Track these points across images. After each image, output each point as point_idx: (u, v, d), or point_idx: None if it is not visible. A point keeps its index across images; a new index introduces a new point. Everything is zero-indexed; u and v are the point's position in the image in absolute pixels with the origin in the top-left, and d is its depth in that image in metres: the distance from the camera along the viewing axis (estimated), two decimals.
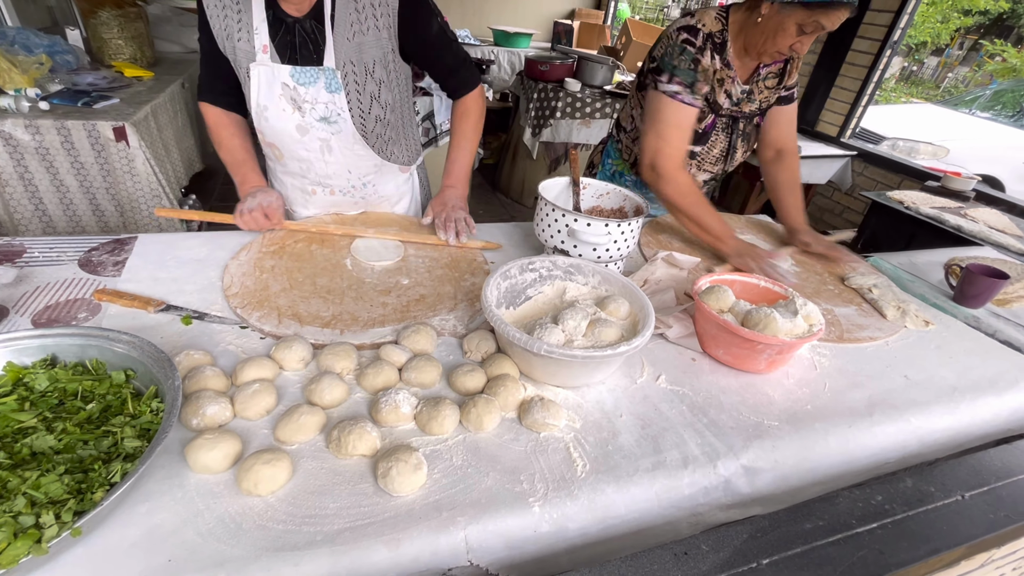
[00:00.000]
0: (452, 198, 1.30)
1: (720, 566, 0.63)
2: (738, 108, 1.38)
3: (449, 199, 1.29)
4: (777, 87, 1.40)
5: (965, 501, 0.77)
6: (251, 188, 1.21)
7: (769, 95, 1.40)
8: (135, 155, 2.21)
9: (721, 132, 1.41)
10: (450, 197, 1.30)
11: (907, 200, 2.29)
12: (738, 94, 1.35)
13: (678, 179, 1.29)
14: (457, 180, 1.33)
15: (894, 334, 1.15)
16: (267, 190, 1.21)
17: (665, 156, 1.29)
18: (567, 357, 0.78)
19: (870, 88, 3.18)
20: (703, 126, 1.38)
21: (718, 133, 1.41)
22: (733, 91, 1.35)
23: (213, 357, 0.84)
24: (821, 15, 1.13)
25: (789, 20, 1.16)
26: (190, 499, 0.63)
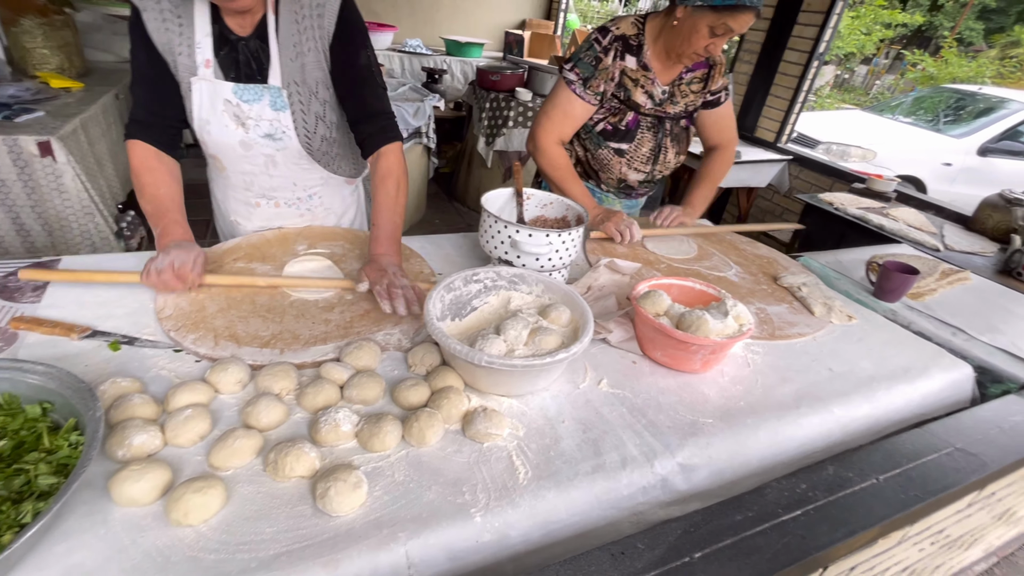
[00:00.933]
0: (388, 264, 1.10)
1: (655, 563, 0.66)
2: (662, 108, 1.47)
3: (387, 266, 1.09)
4: (702, 91, 1.50)
5: (880, 484, 0.83)
6: (170, 241, 1.03)
7: (695, 99, 1.51)
8: (63, 171, 2.09)
9: (647, 131, 1.49)
10: (387, 264, 1.09)
11: (836, 202, 2.44)
12: (659, 95, 1.45)
13: (551, 152, 1.46)
14: (388, 248, 1.14)
15: (821, 329, 1.23)
16: (185, 245, 1.02)
17: (545, 131, 1.45)
18: (508, 367, 0.80)
19: (801, 96, 3.38)
20: (625, 123, 1.47)
21: (643, 132, 1.49)
22: (654, 92, 1.44)
23: (143, 384, 0.80)
24: (728, 18, 1.22)
25: (701, 22, 1.25)
26: (114, 535, 0.60)
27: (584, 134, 1.52)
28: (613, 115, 1.46)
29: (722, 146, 1.64)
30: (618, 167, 1.53)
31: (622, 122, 1.46)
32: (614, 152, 1.51)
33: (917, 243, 2.01)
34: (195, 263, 1.00)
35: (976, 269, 1.77)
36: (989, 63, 12.30)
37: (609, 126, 1.47)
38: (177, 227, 1.07)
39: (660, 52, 1.40)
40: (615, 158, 1.51)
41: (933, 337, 1.28)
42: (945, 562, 1.42)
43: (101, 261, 1.12)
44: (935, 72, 11.86)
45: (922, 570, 1.29)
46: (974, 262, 1.96)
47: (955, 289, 1.54)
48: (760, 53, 3.50)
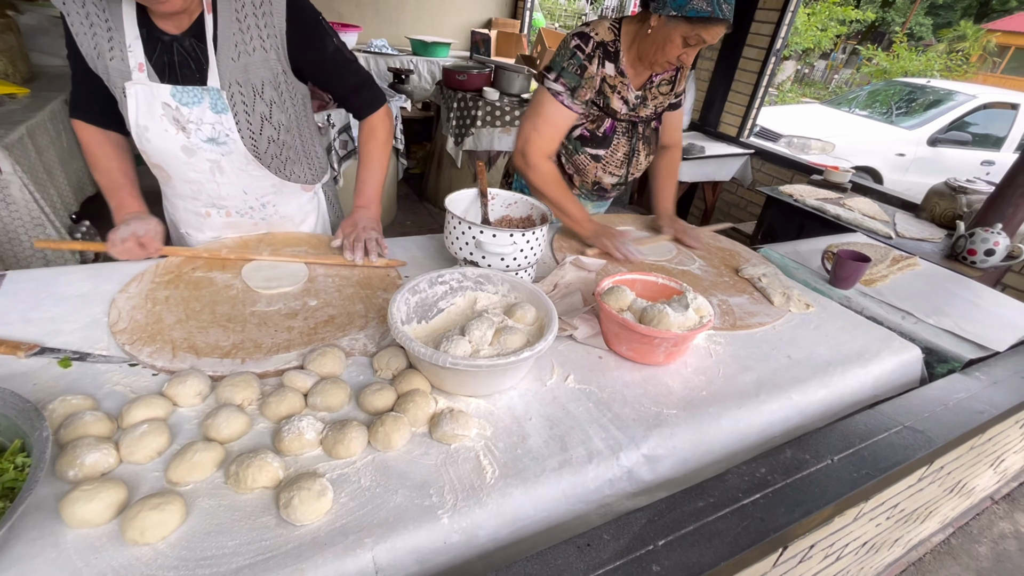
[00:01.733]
0: (363, 219, 1.27)
1: (620, 552, 0.67)
2: (635, 113, 1.49)
3: (360, 219, 1.26)
4: (670, 92, 1.53)
5: (834, 464, 0.87)
6: (127, 214, 1.13)
7: (663, 100, 1.53)
8: (9, 182, 2.00)
9: (622, 136, 1.51)
10: (361, 218, 1.27)
11: (796, 193, 2.52)
12: (633, 100, 1.46)
13: (543, 168, 1.42)
14: (368, 201, 1.30)
15: (780, 318, 1.27)
16: (143, 216, 1.13)
17: (535, 146, 1.42)
18: (472, 367, 0.80)
19: (761, 91, 3.47)
20: (603, 130, 1.48)
21: (619, 137, 1.50)
22: (628, 97, 1.45)
23: (96, 401, 0.78)
24: (702, 29, 1.24)
25: (675, 32, 1.27)
26: (67, 558, 0.59)
27: (562, 140, 1.52)
28: (592, 122, 1.47)
29: (675, 145, 1.68)
30: (594, 171, 1.55)
31: (600, 128, 1.47)
32: (591, 158, 1.52)
33: (871, 231, 2.09)
34: (155, 231, 1.11)
35: (925, 255, 1.86)
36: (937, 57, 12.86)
37: (587, 132, 1.48)
38: (132, 200, 1.15)
39: (633, 58, 1.41)
40: (592, 163, 1.53)
41: (884, 321, 1.34)
42: (903, 535, 1.49)
43: (53, 274, 1.07)
44: (888, 66, 12.35)
45: (881, 543, 1.35)
46: (923, 248, 2.06)
47: (905, 275, 1.61)
48: (720, 50, 3.59)
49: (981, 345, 1.26)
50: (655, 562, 0.67)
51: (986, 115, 5.52)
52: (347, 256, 1.19)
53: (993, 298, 1.53)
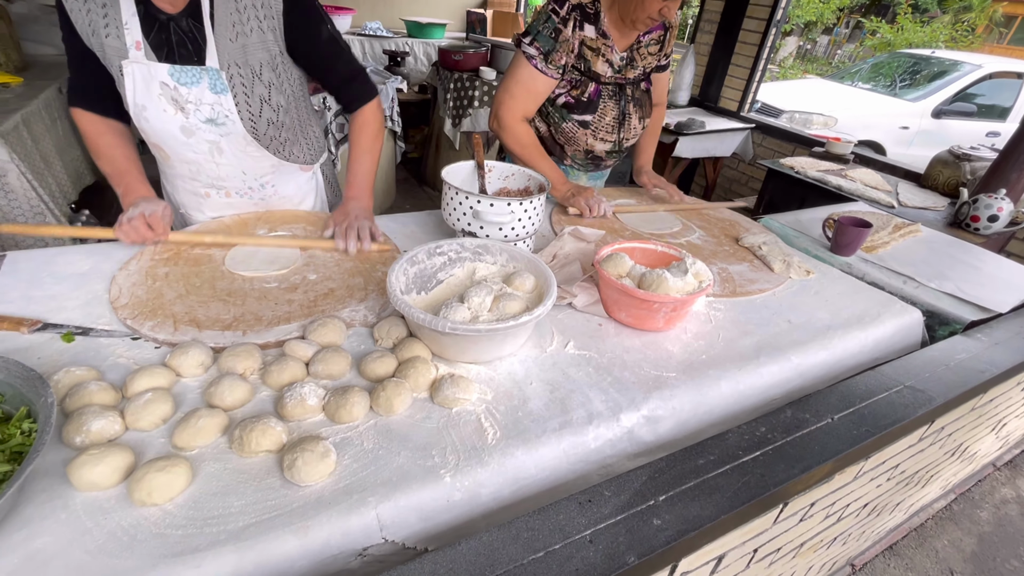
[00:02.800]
0: (355, 208, 1.22)
1: (621, 507, 0.68)
2: (621, 75, 1.48)
3: (352, 209, 1.21)
4: (659, 53, 1.52)
5: (834, 423, 0.87)
6: (136, 198, 1.10)
7: (652, 60, 1.52)
8: (7, 169, 1.99)
9: (609, 100, 1.49)
10: (352, 208, 1.22)
11: (797, 166, 2.50)
12: (618, 62, 1.45)
13: (517, 130, 1.43)
14: (360, 192, 1.26)
15: (780, 285, 1.27)
16: (153, 199, 1.10)
17: (508, 109, 1.42)
18: (472, 332, 0.81)
19: (761, 64, 3.42)
20: (587, 94, 1.46)
21: (605, 101, 1.49)
22: (613, 59, 1.44)
23: (100, 372, 0.79)
24: None
25: None
26: (76, 519, 0.60)
27: (547, 109, 1.51)
28: (575, 87, 1.45)
29: (660, 103, 1.70)
30: (584, 139, 1.53)
31: (584, 94, 1.46)
32: (579, 124, 1.50)
33: (873, 201, 2.08)
34: (164, 214, 1.08)
35: (928, 223, 1.85)
36: (943, 28, 12.62)
37: (571, 99, 1.47)
38: (139, 185, 1.12)
39: (616, 19, 1.39)
40: (580, 130, 1.51)
41: (885, 286, 1.34)
42: (905, 499, 1.50)
43: (52, 254, 1.08)
44: (892, 38, 12.13)
45: (883, 506, 1.37)
46: (926, 216, 2.04)
47: (907, 241, 1.60)
48: (720, 23, 3.52)
49: (983, 307, 1.25)
50: (656, 516, 0.67)
51: (992, 85, 5.43)
52: (339, 245, 1.14)
53: (995, 262, 1.52)
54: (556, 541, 0.63)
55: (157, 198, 1.13)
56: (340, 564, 0.65)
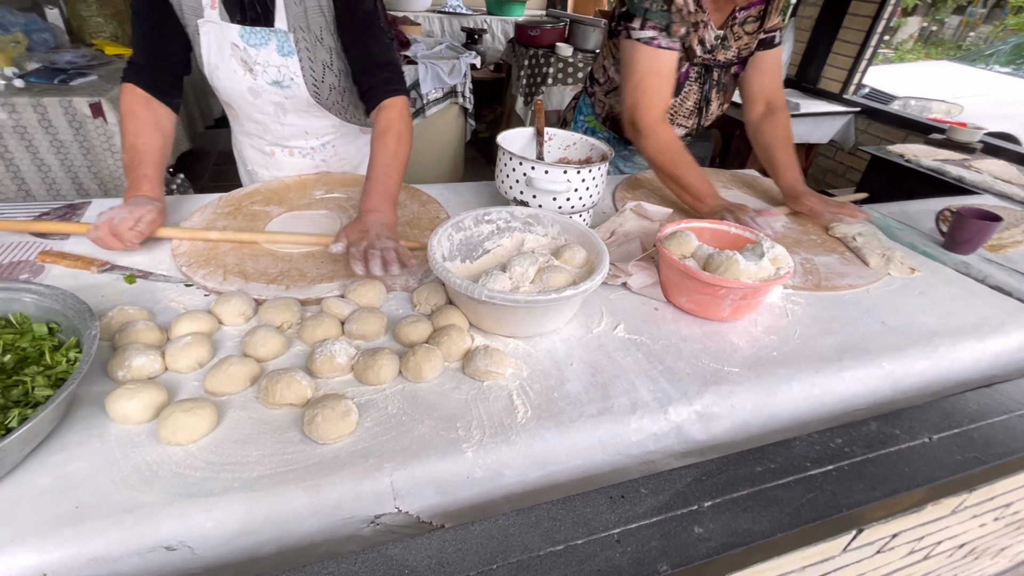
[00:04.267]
0: (375, 224, 0.95)
1: (657, 509, 0.60)
2: (711, 56, 1.30)
3: (371, 226, 0.95)
4: (757, 31, 1.31)
5: (931, 443, 0.73)
6: (132, 196, 0.99)
7: (749, 41, 1.31)
8: (114, 131, 2.19)
9: (694, 83, 1.33)
10: (372, 223, 0.95)
11: (908, 153, 2.19)
12: (711, 40, 1.27)
13: (658, 133, 1.21)
14: (381, 203, 1.00)
15: (876, 281, 1.10)
16: (140, 202, 0.97)
17: (643, 109, 1.21)
18: (509, 302, 0.75)
19: (873, 40, 3.03)
20: (677, 75, 1.30)
21: (691, 83, 1.33)
22: (707, 37, 1.26)
23: (151, 313, 0.81)
24: None
25: None
26: (108, 449, 0.61)
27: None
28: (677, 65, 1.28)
29: (779, 103, 1.39)
30: None
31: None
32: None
33: (1003, 195, 1.77)
34: (138, 221, 0.93)
35: None
36: None
37: None
38: (144, 182, 1.01)
39: None
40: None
41: (1014, 292, 1.12)
42: (1013, 544, 1.28)
43: None
44: None
45: (984, 549, 1.17)
46: None
47: None
48: None
49: None
50: (698, 523, 0.59)
51: None
52: (357, 270, 0.89)
53: None
54: (579, 536, 0.56)
55: (149, 200, 0.99)
56: (351, 529, 0.62)
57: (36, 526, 0.53)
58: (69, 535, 0.53)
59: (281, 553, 0.60)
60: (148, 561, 0.55)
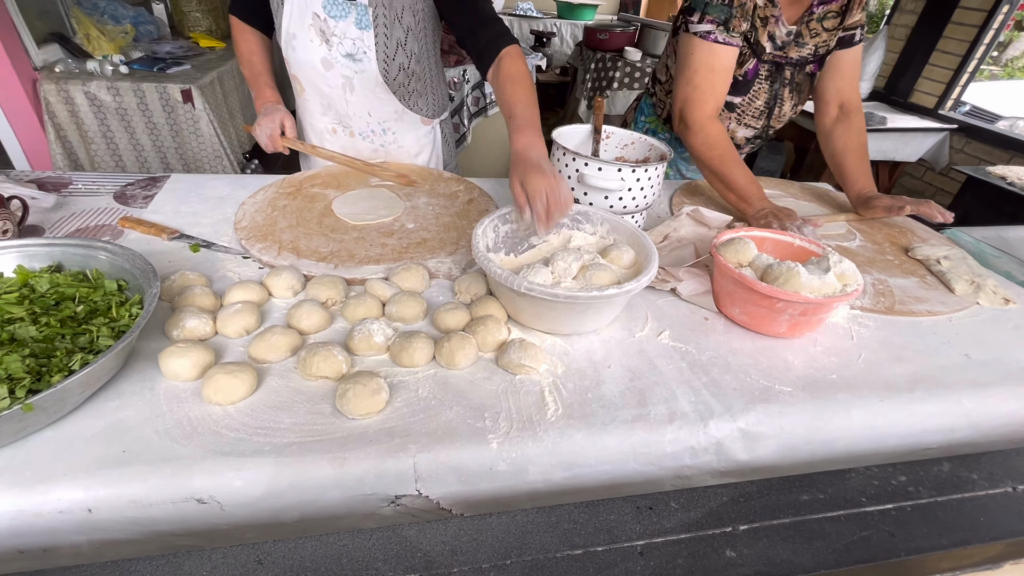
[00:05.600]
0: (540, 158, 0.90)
1: (687, 526, 0.56)
2: (783, 53, 1.22)
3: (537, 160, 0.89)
4: (837, 27, 1.22)
5: (1015, 494, 0.64)
6: (263, 104, 1.26)
7: (828, 38, 1.23)
8: (199, 116, 2.36)
9: (764, 81, 1.26)
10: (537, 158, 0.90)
11: (1011, 175, 1.97)
12: (783, 36, 1.20)
13: (707, 129, 1.17)
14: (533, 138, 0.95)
15: (961, 310, 0.99)
16: (271, 110, 1.24)
17: (695, 104, 1.18)
18: (548, 296, 0.73)
19: (978, 53, 2.76)
20: (744, 72, 1.24)
21: (761, 82, 1.26)
22: (777, 33, 1.19)
23: (209, 280, 0.86)
24: None
25: None
26: (157, 401, 0.65)
27: None
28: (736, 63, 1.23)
29: (855, 106, 1.30)
30: (726, 123, 1.33)
31: (741, 70, 1.24)
32: (724, 107, 1.30)
33: None
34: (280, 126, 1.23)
35: None
36: None
37: None
38: (267, 89, 1.29)
39: None
40: (724, 113, 1.31)
41: None
42: None
43: (204, 179, 1.22)
44: None
45: None
46: None
47: None
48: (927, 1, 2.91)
49: None
50: (730, 547, 0.55)
51: None
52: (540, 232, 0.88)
53: None
54: (600, 543, 0.53)
55: (276, 106, 1.27)
56: (372, 506, 0.62)
57: (87, 465, 0.57)
58: (114, 476, 0.56)
59: (303, 521, 0.61)
60: (181, 510, 0.58)
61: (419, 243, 1.02)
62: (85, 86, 2.19)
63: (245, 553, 0.49)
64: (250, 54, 1.30)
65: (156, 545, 0.59)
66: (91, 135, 2.30)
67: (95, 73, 2.23)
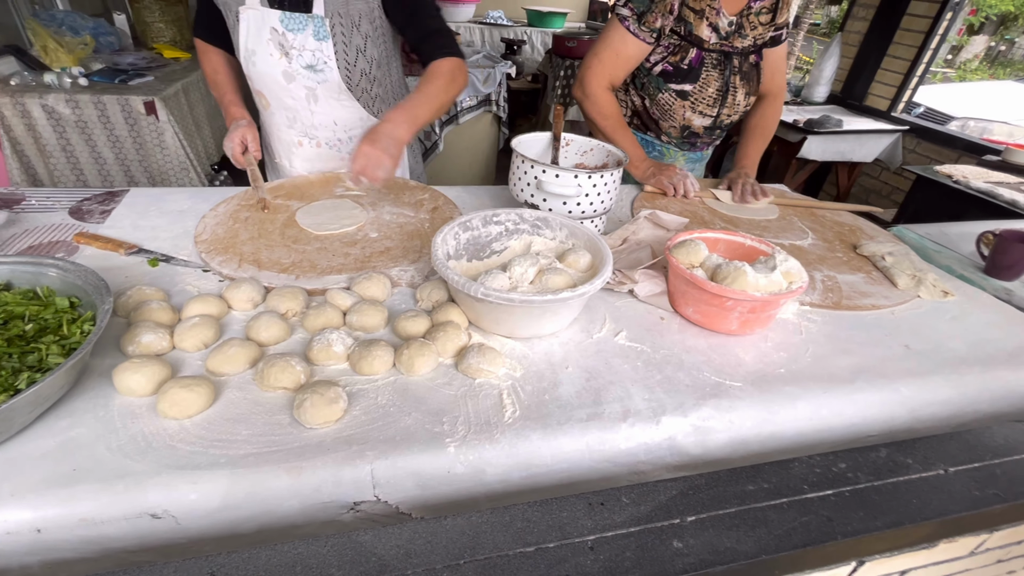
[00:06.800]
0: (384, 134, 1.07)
1: (637, 519, 0.58)
2: (728, 43, 1.32)
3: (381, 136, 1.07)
4: (770, 23, 1.34)
5: (946, 476, 0.68)
6: (232, 120, 1.26)
7: (763, 31, 1.34)
8: (164, 129, 2.32)
9: (712, 69, 1.34)
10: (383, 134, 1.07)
11: (957, 174, 2.07)
12: (726, 27, 1.29)
13: (601, 99, 1.33)
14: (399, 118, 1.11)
15: (903, 303, 1.04)
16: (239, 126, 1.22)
17: (594, 74, 1.33)
18: (505, 301, 0.75)
19: (926, 57, 2.89)
20: (687, 62, 1.33)
21: (708, 70, 1.34)
22: (719, 24, 1.28)
23: (167, 295, 0.86)
24: None
25: None
26: (110, 418, 0.64)
27: (642, 79, 1.39)
28: (673, 54, 1.32)
29: (773, 94, 1.47)
30: (681, 111, 1.40)
31: (684, 60, 1.32)
32: (676, 95, 1.37)
33: None
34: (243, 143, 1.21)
35: None
36: None
37: (669, 66, 1.34)
38: (233, 107, 1.28)
39: None
40: (678, 101, 1.38)
41: None
42: None
43: (164, 193, 1.21)
44: None
45: None
46: None
47: None
48: (878, 7, 3.05)
49: None
50: (678, 538, 0.57)
51: None
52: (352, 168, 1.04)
53: None
54: (552, 539, 0.55)
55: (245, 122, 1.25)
56: (331, 513, 0.63)
57: (35, 485, 0.56)
58: (63, 495, 0.56)
59: (261, 531, 0.62)
60: (135, 526, 0.57)
61: (382, 252, 1.03)
62: (42, 99, 2.14)
63: (198, 566, 0.49)
64: (215, 74, 1.31)
65: (110, 562, 0.59)
66: (49, 149, 2.25)
67: (53, 86, 2.18)
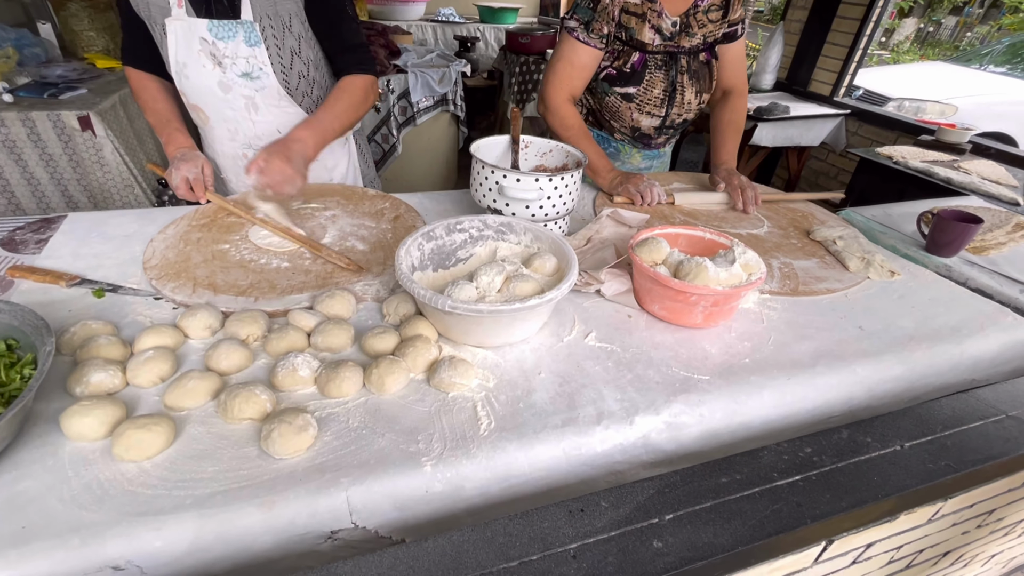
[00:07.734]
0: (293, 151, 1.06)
1: (617, 523, 0.59)
2: (674, 43, 1.34)
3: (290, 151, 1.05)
4: (722, 20, 1.36)
5: (903, 451, 0.72)
6: (176, 149, 1.16)
7: (714, 28, 1.36)
8: (103, 144, 2.19)
9: (656, 71, 1.36)
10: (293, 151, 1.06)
11: (896, 155, 2.18)
12: (670, 27, 1.31)
13: (562, 111, 1.34)
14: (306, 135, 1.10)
15: (855, 285, 1.09)
16: (189, 156, 1.14)
17: (553, 89, 1.34)
18: (473, 313, 0.74)
19: (862, 43, 3.03)
20: (629, 65, 1.35)
21: (652, 72, 1.36)
22: (662, 25, 1.30)
23: (116, 327, 0.81)
24: None
25: None
26: (60, 467, 0.61)
27: (592, 83, 1.41)
28: (616, 58, 1.35)
29: (738, 90, 1.49)
30: (629, 114, 1.42)
31: (626, 64, 1.34)
32: (621, 98, 1.39)
33: (990, 196, 1.76)
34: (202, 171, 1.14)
35: None
36: None
37: (613, 70, 1.36)
38: (178, 135, 1.19)
39: None
40: (624, 104, 1.40)
41: (995, 295, 1.11)
42: (1004, 549, 1.26)
43: (106, 216, 1.14)
44: None
45: (972, 556, 1.15)
46: None
47: None
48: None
49: None
50: (657, 537, 0.58)
51: None
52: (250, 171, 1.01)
53: None
54: (534, 551, 0.55)
55: (193, 151, 1.17)
56: (308, 545, 0.61)
57: None
58: (13, 557, 0.52)
59: (235, 571, 0.59)
60: None
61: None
62: None
63: None
64: (153, 101, 1.22)
65: None
66: None
67: None
